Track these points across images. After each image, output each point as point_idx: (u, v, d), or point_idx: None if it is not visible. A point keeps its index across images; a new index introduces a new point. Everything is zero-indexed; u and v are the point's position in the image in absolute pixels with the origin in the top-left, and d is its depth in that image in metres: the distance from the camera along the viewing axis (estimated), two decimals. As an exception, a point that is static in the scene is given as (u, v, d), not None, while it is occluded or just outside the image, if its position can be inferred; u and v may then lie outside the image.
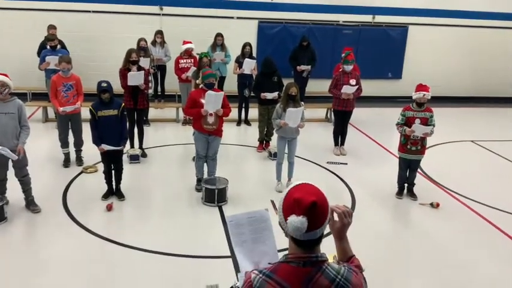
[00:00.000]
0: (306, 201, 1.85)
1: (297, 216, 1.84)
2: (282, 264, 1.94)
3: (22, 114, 5.65)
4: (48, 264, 4.86)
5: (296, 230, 1.85)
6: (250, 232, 2.43)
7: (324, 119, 11.06)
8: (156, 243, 5.26)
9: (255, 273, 1.95)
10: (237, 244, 2.42)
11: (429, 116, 6.46)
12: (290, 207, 1.88)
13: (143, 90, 7.66)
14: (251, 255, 2.37)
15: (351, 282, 1.93)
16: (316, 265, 1.91)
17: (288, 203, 1.91)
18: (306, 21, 12.16)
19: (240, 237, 2.42)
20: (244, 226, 2.44)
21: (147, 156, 7.97)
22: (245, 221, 2.45)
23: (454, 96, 13.40)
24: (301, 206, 1.85)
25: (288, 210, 1.88)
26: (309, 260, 1.91)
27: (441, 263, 5.23)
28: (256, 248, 2.40)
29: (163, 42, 10.42)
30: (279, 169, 6.93)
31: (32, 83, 10.71)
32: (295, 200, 1.87)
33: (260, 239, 2.43)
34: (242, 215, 2.48)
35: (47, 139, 8.50)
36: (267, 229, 2.46)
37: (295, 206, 1.86)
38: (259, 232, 2.44)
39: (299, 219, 1.83)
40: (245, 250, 2.41)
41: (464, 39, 13.18)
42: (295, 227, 1.84)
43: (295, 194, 1.89)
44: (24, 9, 10.82)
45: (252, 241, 2.42)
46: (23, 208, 5.90)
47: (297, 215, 1.84)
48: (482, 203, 6.74)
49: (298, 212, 1.85)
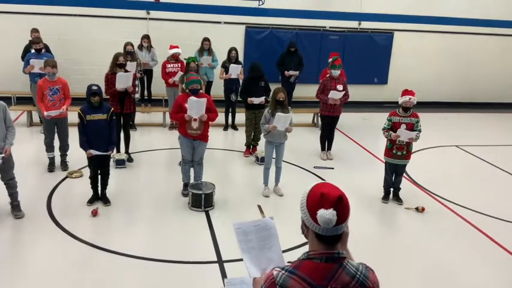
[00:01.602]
0: (333, 195, 1.95)
1: (327, 210, 1.92)
2: (305, 261, 1.99)
3: (6, 116, 5.58)
4: (31, 270, 4.79)
5: (328, 222, 1.91)
6: (257, 239, 2.47)
7: (310, 123, 11.11)
8: (142, 249, 5.22)
9: (277, 270, 2.00)
10: (245, 251, 2.46)
11: (415, 122, 6.53)
12: (317, 203, 1.95)
13: (130, 94, 7.61)
14: (258, 262, 2.41)
15: (369, 278, 2.02)
16: (337, 261, 1.98)
17: (314, 199, 1.97)
18: (293, 26, 12.23)
19: (248, 244, 2.46)
20: (252, 233, 2.48)
21: (133, 160, 7.92)
22: (252, 228, 2.49)
23: (439, 101, 13.58)
24: (330, 199, 1.93)
25: (315, 205, 1.95)
26: (331, 256, 1.98)
27: (426, 267, 5.27)
28: (263, 254, 2.44)
29: (150, 47, 10.38)
30: (266, 174, 6.93)
31: (16, 87, 10.58)
32: (323, 195, 1.95)
33: (266, 246, 2.48)
34: (248, 223, 2.53)
35: (31, 143, 8.40)
36: (273, 236, 2.50)
37: (323, 200, 1.94)
38: (265, 239, 2.48)
39: (330, 211, 1.92)
40: (253, 257, 2.44)
41: (449, 45, 13.38)
42: (327, 219, 1.91)
43: (322, 189, 1.97)
44: (8, 12, 10.70)
45: (259, 248, 2.46)
46: (6, 213, 5.81)
47: (326, 208, 1.92)
48: (467, 208, 6.82)
49: (327, 206, 1.92)
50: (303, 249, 2.32)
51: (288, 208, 6.44)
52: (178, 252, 5.20)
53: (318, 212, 1.92)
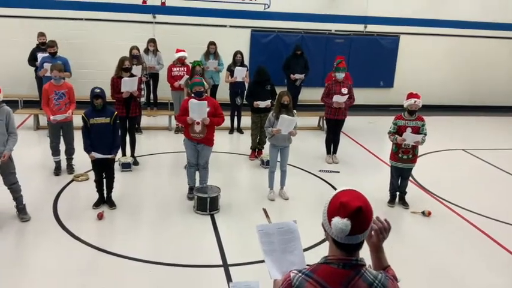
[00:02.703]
0: (352, 205, 1.93)
1: (342, 219, 1.91)
2: (322, 265, 2.00)
3: (10, 121, 5.60)
4: (37, 272, 4.81)
5: (340, 231, 1.91)
6: (279, 242, 2.48)
7: (316, 127, 11.09)
8: (148, 252, 5.22)
9: (294, 273, 2.01)
10: (267, 253, 2.47)
11: (421, 125, 6.50)
12: (335, 210, 1.95)
13: (136, 98, 7.64)
14: (280, 265, 2.42)
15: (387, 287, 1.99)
16: (355, 268, 1.98)
17: (333, 206, 1.97)
18: (299, 30, 12.23)
19: (270, 246, 2.47)
20: (274, 236, 2.49)
21: (139, 164, 7.94)
22: (274, 231, 2.50)
23: (445, 104, 13.51)
24: (347, 209, 1.92)
25: (333, 212, 1.95)
26: (349, 262, 1.98)
27: (432, 271, 5.23)
28: (285, 257, 2.45)
29: (156, 51, 10.42)
30: (272, 177, 6.92)
31: (23, 90, 10.66)
32: (342, 203, 1.94)
33: (288, 249, 2.49)
34: (271, 225, 2.56)
35: (38, 147, 8.45)
36: (295, 240, 2.51)
37: (341, 209, 1.93)
38: (288, 242, 2.49)
39: (343, 221, 1.91)
40: (274, 259, 2.45)
41: (455, 49, 13.32)
42: (339, 229, 1.91)
43: (342, 198, 1.97)
44: (15, 16, 10.79)
45: (281, 251, 2.47)
46: (13, 217, 5.84)
47: (341, 217, 1.91)
48: (474, 212, 6.78)
49: (343, 215, 1.92)
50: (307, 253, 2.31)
51: (293, 211, 6.43)
52: (183, 256, 5.20)
53: (333, 220, 1.92)
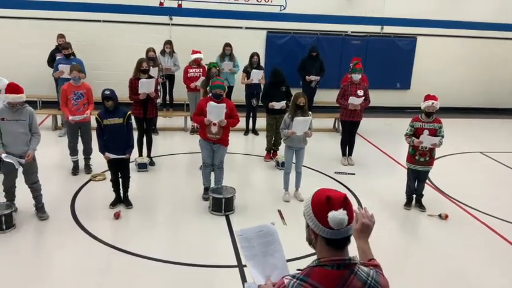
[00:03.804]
0: (339, 196, 1.96)
1: (336, 211, 1.93)
2: (316, 268, 1.98)
3: (33, 122, 5.71)
4: (54, 271, 4.89)
5: (341, 221, 1.92)
6: (260, 245, 2.46)
7: (331, 129, 11.05)
8: (163, 252, 5.26)
9: (288, 279, 1.99)
10: (249, 258, 2.45)
11: (438, 127, 6.44)
12: (325, 207, 1.95)
13: (153, 99, 7.71)
14: (262, 269, 2.40)
15: (380, 283, 2.03)
16: (349, 268, 1.98)
17: (320, 204, 1.97)
18: (314, 31, 12.20)
19: (251, 250, 2.45)
20: (254, 240, 2.47)
21: (155, 164, 8.00)
22: (254, 234, 2.47)
23: (463, 107, 13.34)
24: (337, 201, 1.95)
25: (324, 210, 1.95)
26: (343, 262, 1.97)
27: (448, 274, 5.17)
28: (267, 261, 2.43)
29: (173, 52, 10.50)
30: (287, 179, 6.92)
31: (42, 91, 10.83)
32: (329, 197, 1.96)
33: (269, 252, 2.47)
34: (251, 229, 2.52)
35: (56, 147, 8.56)
36: (275, 242, 2.49)
37: (331, 203, 1.95)
38: (268, 245, 2.47)
39: (340, 211, 1.93)
40: (257, 263, 2.43)
41: (473, 50, 13.15)
42: (339, 219, 1.92)
43: (326, 193, 1.98)
44: (34, 18, 10.96)
45: (262, 254, 2.45)
46: (31, 215, 5.93)
47: (335, 210, 1.93)
48: (491, 215, 6.68)
49: (337, 207, 1.94)
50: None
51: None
52: (198, 256, 5.22)
53: (329, 215, 1.92)
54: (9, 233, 5.52)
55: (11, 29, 10.96)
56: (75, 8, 11.03)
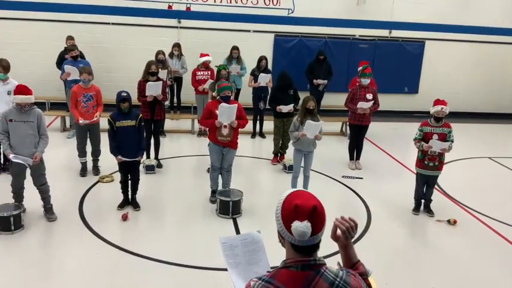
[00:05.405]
0: (307, 206, 1.90)
1: (301, 222, 1.88)
2: (281, 270, 1.96)
3: (41, 124, 5.73)
4: (62, 272, 4.89)
5: (302, 234, 1.88)
6: (244, 254, 2.45)
7: (339, 132, 11.03)
8: (170, 254, 5.26)
9: (254, 281, 1.97)
10: (232, 266, 2.43)
11: (447, 132, 6.40)
12: (292, 214, 1.91)
13: (161, 102, 7.73)
14: (245, 277, 2.37)
15: (350, 284, 1.96)
16: (314, 268, 1.94)
17: (288, 211, 1.94)
18: (322, 35, 12.20)
19: (235, 258, 2.44)
20: (238, 248, 2.45)
21: (163, 166, 8.01)
22: (238, 242, 2.46)
23: (471, 111, 13.28)
24: (304, 211, 1.90)
25: (290, 217, 1.92)
26: (308, 263, 1.94)
27: (458, 281, 5.13)
28: (251, 269, 2.41)
29: (181, 55, 10.53)
30: (295, 182, 6.90)
31: (51, 92, 10.90)
32: (297, 206, 1.91)
33: (253, 260, 2.45)
34: (235, 237, 2.52)
35: (64, 148, 8.59)
36: (260, 250, 2.47)
37: (298, 212, 1.90)
38: (253, 254, 2.45)
39: (304, 224, 1.88)
40: (240, 272, 2.41)
41: (481, 55, 13.09)
42: (301, 232, 1.87)
43: (295, 201, 1.93)
44: (44, 20, 11.03)
45: (246, 263, 2.43)
46: (39, 216, 5.96)
47: (300, 220, 1.88)
48: (500, 221, 6.63)
49: (302, 218, 1.89)
50: (337, 257, 2.29)
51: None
52: (205, 258, 5.21)
53: (293, 225, 1.89)
54: (18, 234, 5.54)
55: (21, 30, 11.03)
56: (85, 10, 11.09)
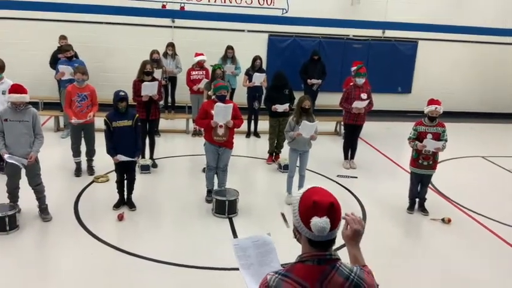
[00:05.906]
0: (325, 202, 1.95)
1: (320, 218, 1.92)
2: (297, 264, 2.01)
3: (36, 123, 5.71)
4: (57, 272, 4.88)
5: (322, 230, 1.92)
6: (256, 255, 2.48)
7: (333, 132, 11.06)
8: (167, 254, 5.25)
9: (271, 275, 2.01)
10: (244, 267, 2.47)
11: (441, 131, 6.46)
12: (310, 210, 1.95)
13: (156, 101, 7.72)
14: (258, 278, 2.40)
15: (364, 280, 2.01)
16: (330, 263, 1.99)
17: (306, 207, 1.97)
18: (316, 35, 12.23)
19: (247, 260, 2.47)
20: (250, 249, 2.49)
21: (158, 166, 8.00)
22: (250, 244, 2.50)
23: (464, 111, 13.37)
24: (322, 207, 1.95)
25: (308, 213, 1.96)
26: (323, 258, 1.98)
27: (452, 279, 5.18)
28: (263, 270, 2.44)
29: (175, 54, 10.51)
30: (290, 182, 6.92)
31: (44, 92, 10.83)
32: (315, 203, 1.95)
33: (265, 261, 2.49)
34: (247, 239, 2.55)
35: (58, 148, 8.55)
36: (272, 252, 2.51)
37: (316, 208, 1.94)
38: (264, 255, 2.48)
39: (323, 219, 1.92)
40: (252, 272, 2.45)
41: (474, 55, 13.19)
42: (321, 228, 1.92)
43: (313, 197, 1.97)
44: (36, 19, 10.97)
45: (258, 264, 2.47)
46: (35, 216, 5.92)
47: (319, 216, 1.92)
48: (494, 219, 6.69)
49: (321, 214, 1.93)
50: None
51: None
52: (202, 258, 5.22)
53: (312, 221, 1.93)
54: (13, 234, 5.51)
55: (15, 30, 10.95)
56: (78, 9, 11.03)
